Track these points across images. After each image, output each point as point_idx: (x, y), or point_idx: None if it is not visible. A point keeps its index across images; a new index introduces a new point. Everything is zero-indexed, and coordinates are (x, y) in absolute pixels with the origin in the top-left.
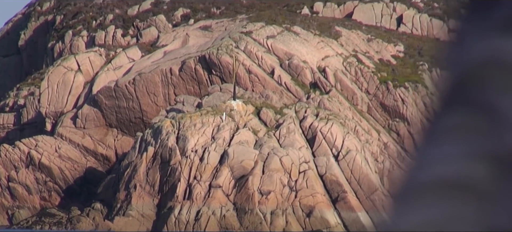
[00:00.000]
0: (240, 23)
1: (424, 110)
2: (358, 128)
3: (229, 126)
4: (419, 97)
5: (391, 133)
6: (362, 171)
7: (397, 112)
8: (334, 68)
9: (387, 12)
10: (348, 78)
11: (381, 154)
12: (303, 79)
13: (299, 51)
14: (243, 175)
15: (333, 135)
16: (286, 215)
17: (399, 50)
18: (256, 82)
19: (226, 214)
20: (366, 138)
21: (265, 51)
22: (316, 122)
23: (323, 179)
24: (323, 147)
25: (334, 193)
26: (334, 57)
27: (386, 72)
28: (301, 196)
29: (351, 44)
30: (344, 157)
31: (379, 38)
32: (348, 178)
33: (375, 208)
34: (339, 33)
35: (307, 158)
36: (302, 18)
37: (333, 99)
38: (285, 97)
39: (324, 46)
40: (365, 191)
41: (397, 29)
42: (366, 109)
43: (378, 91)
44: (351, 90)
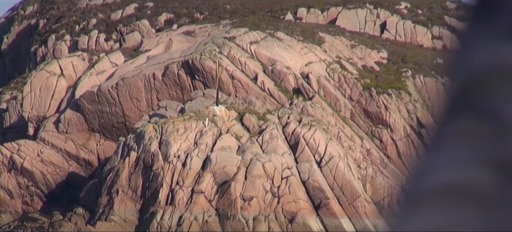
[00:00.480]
0: (223, 28)
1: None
2: (341, 134)
3: (211, 131)
4: (402, 104)
5: (374, 139)
6: (345, 177)
7: (380, 119)
8: (318, 74)
9: (370, 18)
10: (332, 84)
11: (364, 161)
12: (286, 85)
13: (282, 57)
14: (225, 181)
15: (316, 141)
16: (268, 221)
17: (383, 56)
18: (239, 88)
19: (208, 219)
20: (349, 144)
21: (248, 56)
22: (299, 128)
23: (305, 185)
24: (306, 153)
25: (317, 199)
26: (318, 63)
27: (370, 79)
28: (283, 202)
29: (335, 50)
30: (327, 163)
31: (362, 44)
32: (330, 184)
33: (358, 215)
34: (322, 39)
35: (289, 164)
36: (286, 24)
37: (316, 106)
38: (268, 103)
39: (308, 52)
40: (348, 198)
41: (380, 35)
42: (349, 115)
43: (361, 97)
44: (334, 97)
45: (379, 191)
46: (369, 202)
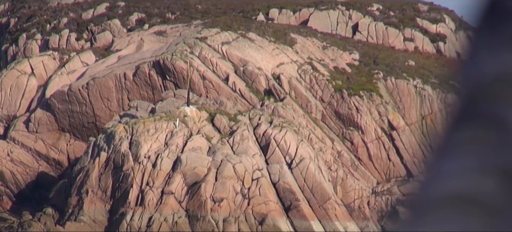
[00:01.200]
0: (195, 28)
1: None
2: (312, 136)
3: (182, 132)
4: (374, 106)
5: (345, 141)
6: (316, 179)
7: (352, 120)
8: (289, 76)
9: (342, 20)
10: (303, 85)
11: (334, 163)
12: (257, 86)
13: (254, 58)
14: (196, 182)
15: (286, 142)
16: (238, 223)
17: (354, 58)
18: (210, 88)
19: (178, 220)
20: (320, 146)
21: (220, 57)
22: (270, 129)
23: (276, 187)
24: (276, 155)
25: (287, 201)
26: (289, 65)
27: (341, 80)
28: (253, 203)
29: (306, 51)
30: (298, 165)
31: (334, 46)
32: (301, 186)
33: (328, 217)
34: (294, 40)
35: (260, 166)
36: (258, 25)
37: (287, 107)
38: (239, 104)
39: (279, 53)
40: (318, 200)
41: (352, 37)
42: (320, 117)
43: (333, 99)
44: (306, 98)
45: (350, 193)
46: (339, 204)
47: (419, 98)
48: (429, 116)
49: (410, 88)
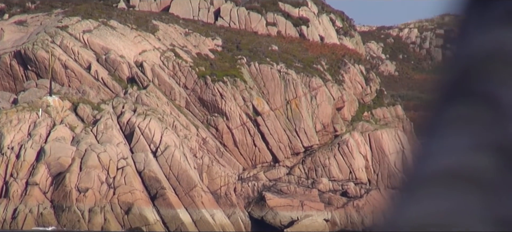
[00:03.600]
0: (56, 17)
1: (243, 104)
2: (177, 123)
3: (45, 122)
4: (238, 91)
5: (210, 128)
6: (181, 167)
7: (216, 107)
8: (152, 63)
9: (204, 5)
10: (166, 73)
11: (200, 150)
12: (120, 74)
13: (116, 45)
14: (60, 172)
15: (151, 130)
16: (104, 212)
17: (217, 44)
18: (73, 77)
19: (43, 212)
20: (185, 133)
21: (81, 46)
22: (134, 117)
23: (141, 176)
24: (141, 143)
25: (153, 189)
26: (152, 52)
27: (204, 67)
28: (119, 192)
29: (169, 38)
30: (163, 152)
31: (196, 32)
32: (166, 174)
33: (194, 205)
34: (156, 27)
35: (125, 154)
36: (119, 12)
37: (151, 95)
38: (103, 92)
39: (142, 41)
40: (184, 187)
41: (214, 22)
42: (184, 104)
43: (196, 86)
44: (169, 85)
45: (216, 180)
46: (205, 191)
47: (283, 83)
48: (294, 100)
49: (274, 73)
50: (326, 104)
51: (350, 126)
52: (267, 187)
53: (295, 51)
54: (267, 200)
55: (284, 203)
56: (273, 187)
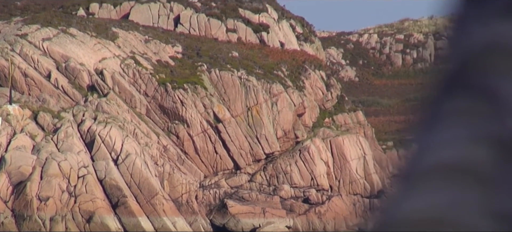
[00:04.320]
0: (15, 25)
1: (204, 111)
2: (137, 131)
3: (5, 131)
4: (199, 98)
5: (170, 135)
6: (142, 174)
7: (177, 114)
8: (112, 71)
9: (164, 12)
10: (126, 80)
11: (161, 157)
12: (80, 82)
13: (75, 53)
14: (21, 181)
15: (112, 138)
16: (65, 221)
17: (177, 51)
18: (33, 86)
19: (4, 221)
20: (146, 141)
21: (41, 54)
22: (95, 125)
23: (102, 184)
24: (102, 151)
25: (114, 197)
26: (112, 59)
27: (165, 74)
28: (80, 201)
29: (129, 45)
30: (124, 160)
31: (156, 39)
32: (128, 182)
33: (156, 213)
34: (116, 35)
35: (86, 162)
36: (78, 20)
37: (111, 102)
38: (63, 101)
39: (101, 48)
40: (146, 195)
41: (174, 29)
42: (145, 111)
43: (157, 93)
44: (129, 93)
45: (177, 187)
46: (167, 199)
47: (244, 89)
48: (255, 107)
49: (235, 79)
50: (287, 111)
51: (311, 132)
52: (229, 194)
53: (255, 58)
54: (229, 207)
55: (246, 210)
56: (235, 194)
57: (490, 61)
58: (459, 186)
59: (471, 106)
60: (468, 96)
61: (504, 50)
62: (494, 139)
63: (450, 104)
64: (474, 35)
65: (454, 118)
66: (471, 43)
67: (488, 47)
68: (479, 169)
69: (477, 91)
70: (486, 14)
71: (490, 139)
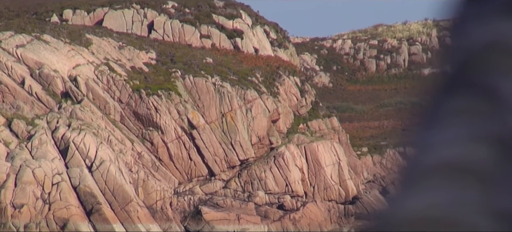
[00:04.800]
0: None
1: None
2: (112, 138)
3: None
4: (173, 105)
5: (145, 142)
6: (117, 181)
7: (151, 121)
8: (86, 77)
9: (138, 18)
10: (100, 87)
11: (135, 164)
12: (54, 89)
13: (49, 60)
14: None
15: (86, 145)
16: (40, 228)
17: (151, 57)
18: (7, 93)
19: None
20: (120, 148)
21: (14, 60)
22: (69, 132)
23: (77, 191)
24: (76, 158)
25: (89, 204)
26: (86, 66)
27: (139, 80)
28: (54, 208)
29: (103, 52)
30: (98, 167)
31: (130, 45)
32: (102, 189)
33: (130, 220)
34: (90, 41)
35: (60, 170)
36: (52, 26)
37: (85, 109)
38: (37, 107)
39: (75, 55)
40: (120, 202)
41: (148, 35)
42: (119, 118)
43: (131, 99)
44: (104, 99)
45: (152, 194)
46: (141, 206)
47: (218, 95)
48: (229, 113)
49: (209, 86)
50: (262, 117)
51: (286, 138)
52: (203, 201)
53: (229, 64)
54: (204, 214)
55: (221, 217)
56: (209, 200)
57: (490, 60)
58: (460, 185)
59: (472, 105)
60: (469, 95)
61: (505, 49)
62: (495, 138)
63: (451, 103)
64: (474, 34)
65: (454, 117)
66: (471, 42)
67: (489, 46)
68: (480, 168)
69: (477, 90)
70: (487, 13)
71: (490, 138)
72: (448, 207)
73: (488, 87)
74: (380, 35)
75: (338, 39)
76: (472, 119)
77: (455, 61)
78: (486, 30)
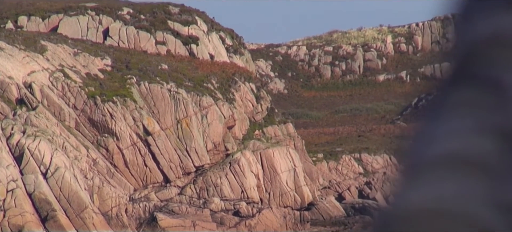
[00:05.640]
0: None
1: (134, 124)
2: (67, 144)
3: None
4: (128, 111)
5: (100, 148)
6: (72, 188)
7: (106, 127)
8: (41, 84)
9: (93, 25)
10: (55, 93)
11: (90, 171)
12: (9, 95)
13: (4, 66)
14: None
15: (41, 152)
16: None
17: (107, 64)
18: None
19: None
20: (75, 155)
21: None
22: (24, 139)
23: (32, 198)
24: (31, 165)
25: (44, 211)
26: (41, 72)
27: (94, 87)
28: (9, 215)
29: (58, 58)
30: (53, 174)
31: (85, 52)
32: (57, 196)
33: (86, 226)
34: (44, 48)
35: (15, 176)
36: (7, 33)
37: (40, 116)
38: None
39: (30, 61)
40: (75, 209)
41: (103, 42)
42: (74, 125)
43: (86, 106)
44: (58, 106)
45: (107, 201)
46: (96, 212)
47: (174, 102)
48: (184, 119)
49: (164, 92)
50: (217, 123)
51: (242, 145)
52: (159, 207)
53: (185, 70)
54: (159, 220)
55: (176, 224)
56: (165, 207)
57: (495, 53)
58: (464, 177)
59: (476, 97)
60: (473, 87)
61: (508, 42)
62: (499, 130)
63: (455, 95)
64: (478, 27)
65: (458, 109)
66: (475, 35)
67: (492, 39)
68: (484, 160)
69: (481, 82)
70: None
71: (494, 130)
72: (452, 199)
73: (491, 80)
74: (335, 42)
75: (293, 46)
76: (476, 112)
77: (459, 53)
78: (489, 23)
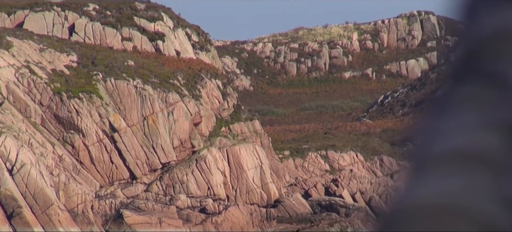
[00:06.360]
0: None
1: (100, 121)
2: (32, 141)
3: None
4: (94, 108)
5: (66, 145)
6: (37, 185)
7: (72, 124)
8: (6, 80)
9: (58, 21)
10: (21, 89)
11: (56, 167)
12: None
13: None
14: None
15: (6, 148)
16: None
17: (72, 60)
18: None
19: None
20: (41, 151)
21: None
22: None
23: None
24: None
25: (9, 208)
26: (6, 69)
27: (60, 83)
28: None
29: (23, 54)
30: (19, 171)
31: (51, 48)
32: (23, 192)
33: (52, 223)
34: (10, 44)
35: None
36: None
37: (6, 112)
38: None
39: None
40: (41, 206)
41: (69, 38)
42: (40, 121)
43: (52, 102)
44: (24, 102)
45: (73, 198)
46: (62, 209)
47: (140, 98)
48: (151, 116)
49: (130, 88)
50: (183, 120)
51: (208, 142)
52: (125, 204)
53: (151, 67)
54: (125, 217)
55: (142, 221)
56: (131, 204)
57: (500, 48)
58: (470, 172)
59: (481, 93)
60: (478, 83)
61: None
62: (504, 125)
63: (460, 91)
64: (483, 23)
65: (464, 105)
66: (480, 30)
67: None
68: (490, 155)
69: (486, 78)
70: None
71: (500, 125)
72: (458, 194)
73: (497, 75)
74: (301, 39)
75: (258, 42)
76: (481, 107)
77: (465, 49)
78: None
